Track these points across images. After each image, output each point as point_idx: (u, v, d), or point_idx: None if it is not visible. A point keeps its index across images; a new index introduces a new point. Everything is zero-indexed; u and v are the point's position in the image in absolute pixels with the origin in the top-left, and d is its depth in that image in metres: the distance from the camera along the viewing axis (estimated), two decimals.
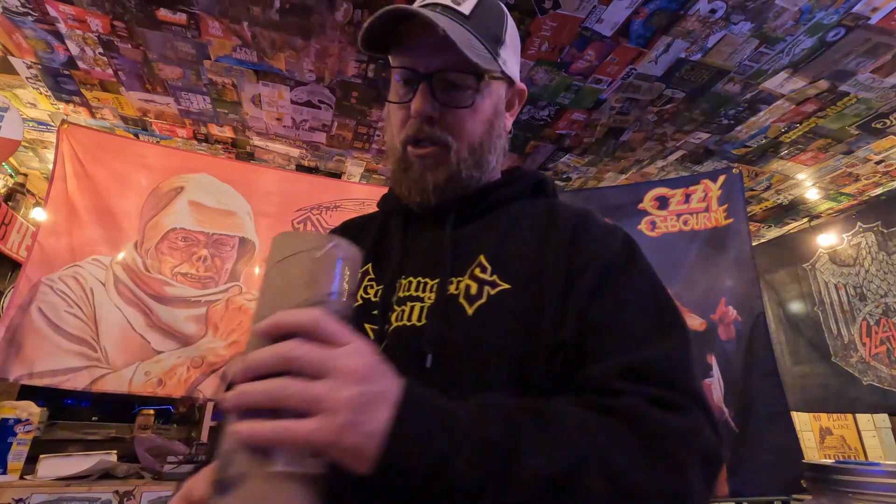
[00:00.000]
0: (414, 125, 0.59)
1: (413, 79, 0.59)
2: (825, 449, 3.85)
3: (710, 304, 2.31)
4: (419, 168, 0.60)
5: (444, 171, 0.60)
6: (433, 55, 0.58)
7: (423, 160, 0.60)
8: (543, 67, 2.26)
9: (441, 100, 0.59)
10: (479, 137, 0.62)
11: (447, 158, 0.60)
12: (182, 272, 2.40)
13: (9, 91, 2.59)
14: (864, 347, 2.89)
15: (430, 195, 0.60)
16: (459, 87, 0.59)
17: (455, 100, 0.59)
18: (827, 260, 3.17)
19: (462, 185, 0.61)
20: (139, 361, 2.22)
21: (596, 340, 0.48)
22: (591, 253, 0.54)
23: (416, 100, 0.58)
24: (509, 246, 0.58)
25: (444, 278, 0.55)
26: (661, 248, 2.45)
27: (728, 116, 2.58)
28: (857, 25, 1.97)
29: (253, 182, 2.63)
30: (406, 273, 0.59)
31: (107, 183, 2.39)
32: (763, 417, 2.09)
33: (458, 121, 0.60)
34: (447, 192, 0.61)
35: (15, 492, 1.59)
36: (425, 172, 0.60)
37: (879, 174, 3.11)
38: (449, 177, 0.60)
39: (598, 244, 0.56)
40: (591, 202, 2.63)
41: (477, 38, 0.58)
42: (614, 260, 0.55)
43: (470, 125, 0.61)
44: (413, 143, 0.60)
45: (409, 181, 0.61)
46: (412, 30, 0.59)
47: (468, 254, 0.57)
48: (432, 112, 0.58)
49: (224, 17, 2.03)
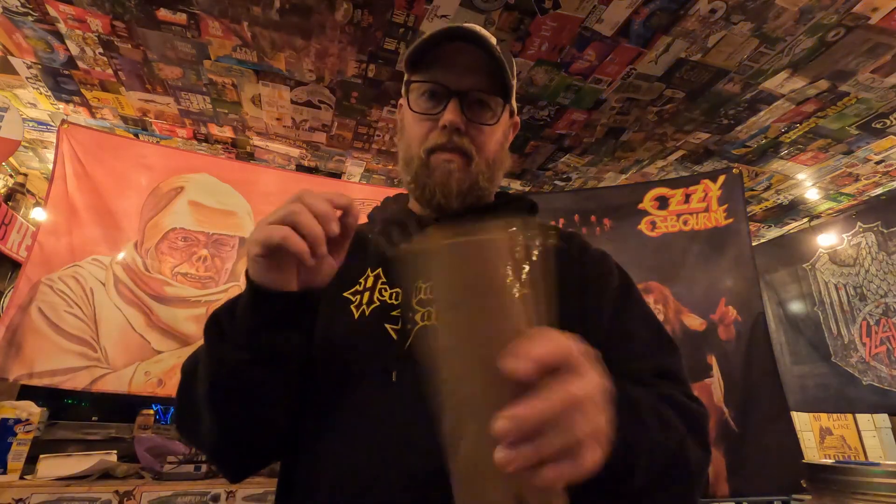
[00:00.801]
0: (444, 135, 0.65)
1: (442, 93, 0.66)
2: (825, 449, 3.86)
3: (710, 304, 2.31)
4: (444, 173, 0.66)
5: (467, 178, 0.66)
6: (466, 75, 0.65)
7: (450, 165, 0.66)
8: (543, 67, 2.26)
9: (468, 115, 0.66)
10: (494, 154, 0.69)
11: (469, 168, 0.66)
12: (182, 272, 2.40)
13: (9, 91, 2.59)
14: (864, 347, 2.89)
15: (454, 199, 0.66)
16: (486, 107, 0.67)
17: (481, 117, 0.67)
18: (827, 260, 3.17)
19: (479, 194, 0.68)
20: (139, 361, 2.22)
21: (623, 346, 0.59)
22: (598, 274, 0.65)
23: (449, 113, 0.64)
24: None
25: None
26: (661, 248, 2.45)
27: (728, 116, 2.58)
28: (857, 25, 1.97)
29: (253, 182, 2.63)
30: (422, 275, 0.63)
31: (107, 183, 2.38)
32: (763, 417, 2.09)
33: (481, 136, 0.67)
34: (467, 199, 0.67)
35: (15, 492, 1.59)
36: (450, 178, 0.65)
37: (879, 174, 3.11)
38: (471, 185, 0.66)
39: (603, 265, 0.67)
40: (591, 202, 2.63)
41: (507, 66, 0.67)
42: (624, 282, 0.66)
43: (490, 142, 0.68)
44: (439, 151, 0.66)
45: (434, 184, 0.66)
46: (447, 49, 0.65)
47: None
48: (461, 125, 0.65)
49: (224, 17, 2.03)
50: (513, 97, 0.72)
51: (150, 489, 1.69)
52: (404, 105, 0.72)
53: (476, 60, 0.65)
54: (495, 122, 0.68)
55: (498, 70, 0.65)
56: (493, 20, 2.01)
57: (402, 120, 0.73)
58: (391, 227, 0.70)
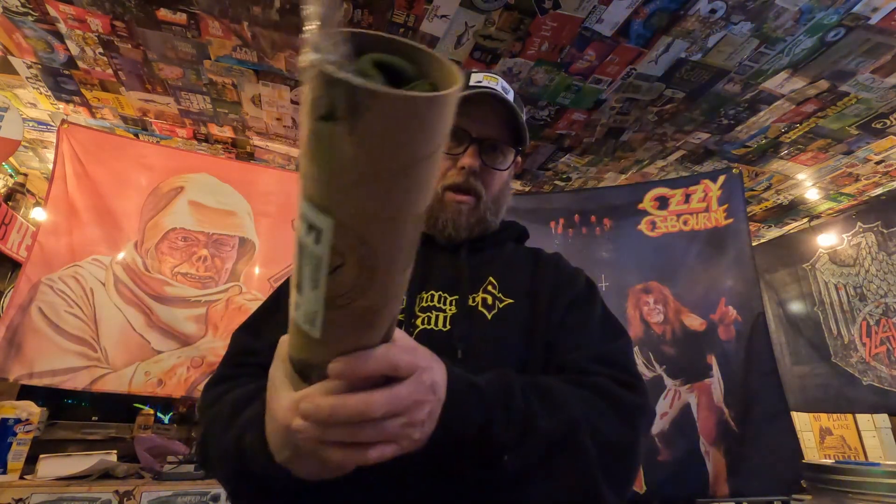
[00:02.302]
0: (461, 175, 0.74)
1: (464, 137, 0.74)
2: (825, 449, 3.86)
3: (710, 304, 2.31)
4: (456, 211, 0.75)
5: (475, 215, 0.76)
6: (487, 125, 0.75)
7: (462, 205, 0.75)
8: (543, 67, 2.26)
9: (484, 160, 0.76)
10: (500, 192, 0.80)
11: (479, 206, 0.76)
12: (182, 272, 2.40)
13: (9, 91, 2.59)
14: (864, 347, 2.89)
15: (462, 231, 0.75)
16: (499, 153, 0.77)
17: (494, 162, 0.77)
18: (827, 260, 3.17)
19: (484, 226, 0.78)
20: (139, 361, 2.22)
21: (570, 338, 0.67)
22: (567, 283, 0.75)
23: (468, 157, 0.74)
24: (510, 274, 0.75)
25: (466, 293, 0.71)
26: (661, 248, 2.45)
27: (728, 116, 2.58)
28: (857, 25, 1.97)
29: (253, 182, 2.63)
30: (427, 288, 0.71)
31: (107, 183, 2.39)
32: (763, 417, 2.09)
33: (491, 178, 0.77)
34: (473, 231, 0.76)
35: (15, 492, 1.59)
36: (461, 215, 0.75)
37: (879, 174, 3.11)
38: (478, 220, 0.76)
39: (571, 278, 0.77)
40: (591, 202, 2.63)
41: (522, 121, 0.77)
42: (581, 290, 0.75)
43: (498, 183, 0.78)
44: (454, 190, 0.75)
45: (446, 219, 0.75)
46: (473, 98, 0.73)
47: (481, 277, 0.73)
48: (478, 169, 0.75)
49: (224, 17, 2.03)
50: None
51: (150, 489, 1.69)
52: None
53: (497, 113, 0.75)
54: (506, 168, 0.79)
55: (514, 122, 0.76)
56: (493, 20, 2.01)
57: None
58: None
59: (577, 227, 2.59)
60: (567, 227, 2.61)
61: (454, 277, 0.73)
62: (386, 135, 0.26)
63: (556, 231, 2.60)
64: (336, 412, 0.36)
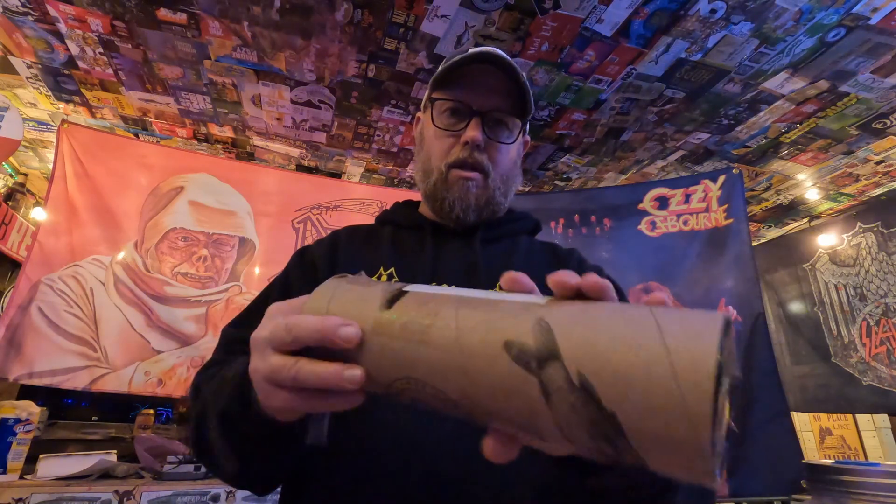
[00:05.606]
0: (465, 150, 0.69)
1: (465, 112, 0.69)
2: (825, 449, 3.85)
3: (710, 304, 2.31)
4: (463, 189, 0.69)
5: (484, 194, 0.70)
6: (490, 96, 0.69)
7: (469, 182, 0.69)
8: (543, 67, 2.26)
9: (488, 134, 0.69)
10: (509, 170, 0.73)
11: (487, 184, 0.70)
12: (182, 272, 2.40)
13: (9, 91, 2.59)
14: (864, 348, 2.89)
15: (471, 212, 0.70)
16: (504, 126, 0.71)
17: (500, 135, 0.71)
18: (827, 260, 3.17)
19: (494, 208, 0.72)
20: (139, 361, 2.22)
21: None
22: None
23: (471, 130, 0.68)
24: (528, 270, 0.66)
25: (482, 286, 0.66)
26: (661, 248, 2.45)
27: (728, 116, 2.58)
28: (857, 25, 1.97)
29: (253, 182, 2.63)
30: (438, 280, 0.67)
31: (107, 183, 2.38)
32: (763, 417, 2.09)
33: (498, 154, 0.71)
34: (483, 213, 0.71)
35: (15, 491, 1.59)
36: (469, 193, 0.69)
37: (879, 174, 3.11)
38: (487, 200, 0.71)
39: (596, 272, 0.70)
40: (592, 202, 2.63)
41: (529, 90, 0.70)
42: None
43: (506, 159, 0.72)
44: (459, 166, 0.70)
45: (453, 198, 0.70)
46: (472, 70, 0.68)
47: (497, 269, 0.68)
48: (482, 142, 0.69)
49: (224, 17, 2.03)
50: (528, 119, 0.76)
51: (150, 489, 1.69)
52: (424, 120, 0.76)
53: (498, 82, 0.69)
54: (512, 142, 0.72)
55: (518, 92, 0.69)
56: (493, 20, 2.01)
57: (422, 134, 0.76)
58: (405, 232, 0.74)
59: (577, 227, 2.59)
60: (567, 227, 2.61)
61: (468, 271, 0.68)
62: None
63: (555, 231, 2.60)
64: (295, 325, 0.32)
